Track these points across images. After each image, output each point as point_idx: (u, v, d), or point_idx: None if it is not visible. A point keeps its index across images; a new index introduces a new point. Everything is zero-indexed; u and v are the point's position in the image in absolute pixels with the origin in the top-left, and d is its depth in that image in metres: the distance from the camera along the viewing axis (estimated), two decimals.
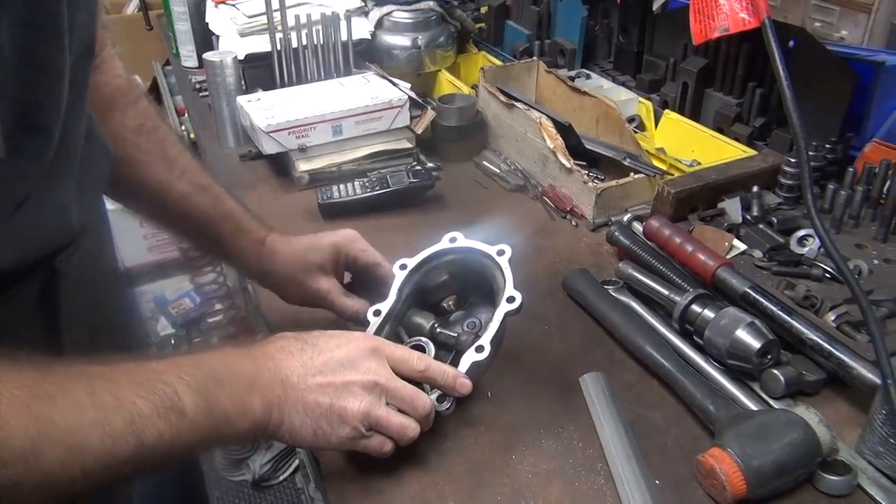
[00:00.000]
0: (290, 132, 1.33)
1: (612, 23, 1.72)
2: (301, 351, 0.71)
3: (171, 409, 0.58)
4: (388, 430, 0.72)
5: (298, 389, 0.68)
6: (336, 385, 0.69)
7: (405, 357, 0.75)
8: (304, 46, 1.56)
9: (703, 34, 1.21)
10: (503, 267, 0.83)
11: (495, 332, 0.80)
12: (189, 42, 1.91)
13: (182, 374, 0.61)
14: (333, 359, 0.70)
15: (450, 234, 0.88)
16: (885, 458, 0.75)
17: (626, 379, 0.91)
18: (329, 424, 0.69)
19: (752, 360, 0.84)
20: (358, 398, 0.69)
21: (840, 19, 2.85)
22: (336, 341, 0.72)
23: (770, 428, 0.74)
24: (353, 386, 0.70)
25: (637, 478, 0.75)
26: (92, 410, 0.55)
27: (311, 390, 0.69)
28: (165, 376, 0.60)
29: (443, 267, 0.88)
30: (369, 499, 0.75)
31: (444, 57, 1.70)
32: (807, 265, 1.01)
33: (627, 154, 1.31)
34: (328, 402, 0.69)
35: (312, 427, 0.69)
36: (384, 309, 0.85)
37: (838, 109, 1.22)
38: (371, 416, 0.70)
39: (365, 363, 0.71)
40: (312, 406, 0.68)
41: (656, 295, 1.00)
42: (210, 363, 0.65)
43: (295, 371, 0.69)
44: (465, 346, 0.80)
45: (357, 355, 0.71)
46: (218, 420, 0.62)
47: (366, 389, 0.70)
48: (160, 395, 0.58)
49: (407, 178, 1.28)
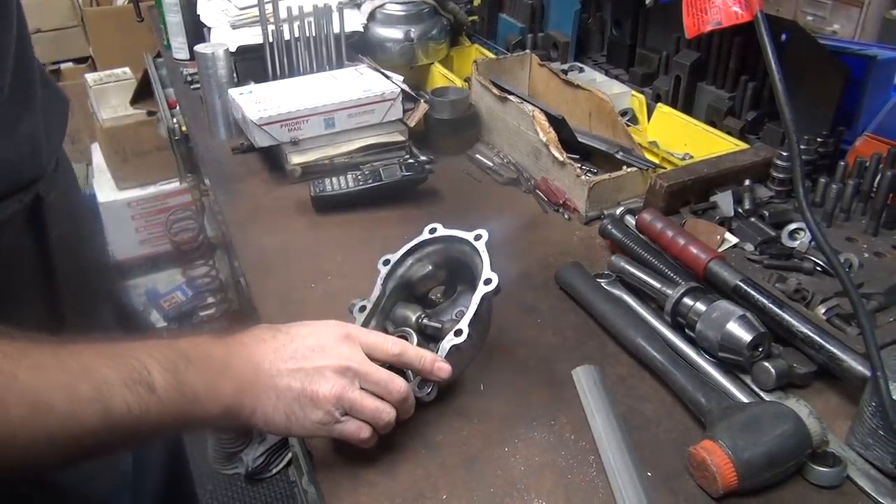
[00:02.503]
0: (282, 125, 1.32)
1: (605, 16, 1.72)
2: (273, 338, 0.71)
3: (140, 382, 0.58)
4: (363, 413, 0.71)
5: (270, 375, 0.68)
6: (307, 370, 0.69)
7: (378, 341, 0.75)
8: (297, 39, 1.55)
9: (696, 28, 1.21)
10: (480, 251, 0.83)
11: (473, 314, 0.80)
12: (180, 34, 1.90)
13: (152, 353, 0.61)
14: (305, 345, 0.71)
15: (430, 226, 0.88)
16: (875, 450, 0.76)
17: (619, 372, 0.91)
18: (301, 409, 0.69)
19: (743, 352, 0.85)
20: (329, 381, 0.69)
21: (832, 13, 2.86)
22: (308, 329, 0.73)
23: (761, 420, 0.75)
24: (324, 370, 0.70)
25: (629, 470, 0.75)
26: (57, 373, 0.55)
27: (282, 375, 0.68)
28: (135, 353, 0.60)
29: (426, 258, 0.89)
30: (362, 491, 0.75)
31: (436, 50, 1.69)
32: (798, 258, 1.01)
33: (620, 147, 1.32)
34: (299, 386, 0.68)
35: (285, 412, 0.68)
36: (369, 303, 0.85)
37: (830, 103, 1.22)
38: (344, 399, 0.70)
39: (337, 348, 0.71)
40: (284, 391, 0.68)
41: (648, 288, 1.00)
42: (181, 346, 0.65)
43: (266, 357, 0.69)
44: (450, 331, 0.81)
45: (329, 341, 0.71)
46: (188, 399, 0.62)
47: (338, 373, 0.70)
48: (129, 368, 0.58)
49: (400, 172, 1.28)
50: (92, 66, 3.68)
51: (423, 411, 0.84)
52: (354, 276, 1.08)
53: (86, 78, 3.14)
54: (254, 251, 1.16)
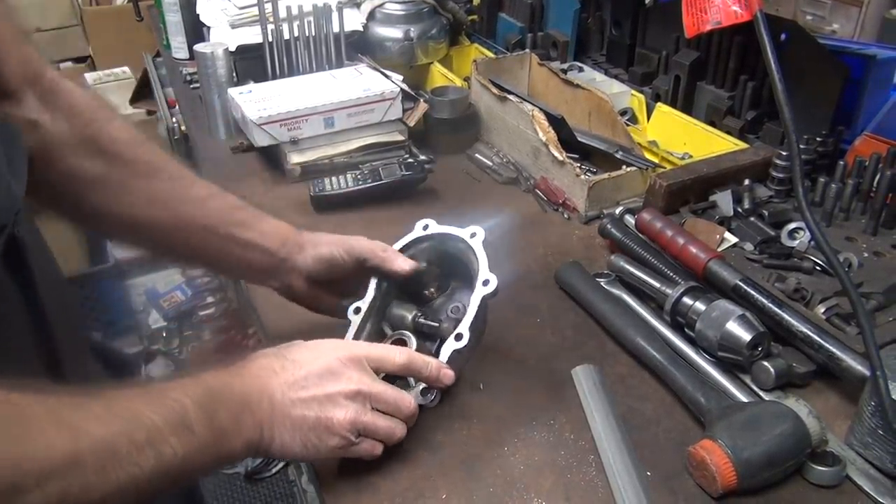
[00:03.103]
0: (281, 124, 1.32)
1: (604, 15, 1.71)
2: (283, 368, 0.71)
3: (181, 424, 0.60)
4: (377, 434, 0.73)
5: (284, 406, 0.69)
6: (319, 398, 0.70)
7: (384, 355, 0.76)
8: (296, 38, 1.55)
9: (696, 27, 1.21)
10: (476, 249, 0.83)
11: (473, 317, 0.80)
12: (179, 33, 1.90)
13: (187, 391, 0.62)
14: (313, 372, 0.71)
15: (422, 222, 0.88)
16: (874, 449, 0.76)
17: (618, 371, 0.91)
18: (318, 437, 0.70)
19: (742, 352, 0.85)
20: (343, 408, 0.70)
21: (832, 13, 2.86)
22: (312, 353, 0.73)
23: (760, 419, 0.75)
24: (336, 397, 0.70)
25: (628, 469, 0.75)
26: (116, 422, 0.56)
27: (296, 406, 0.69)
28: (172, 393, 0.61)
29: (419, 255, 0.88)
30: (362, 491, 0.75)
31: (436, 49, 1.69)
32: (797, 258, 1.01)
33: (620, 147, 1.31)
34: (314, 415, 0.69)
35: (302, 441, 0.69)
36: (364, 305, 0.85)
37: (829, 103, 1.22)
38: (358, 423, 0.71)
39: (345, 372, 0.72)
40: (299, 421, 0.69)
41: (648, 287, 1.00)
42: (207, 381, 0.66)
43: (279, 388, 0.70)
44: (448, 334, 0.80)
45: (336, 365, 0.72)
46: (217, 437, 0.63)
47: (349, 398, 0.71)
48: (170, 410, 0.59)
49: (399, 171, 1.28)
50: (91, 65, 3.68)
51: (423, 412, 0.84)
52: None
53: (85, 77, 3.14)
54: None
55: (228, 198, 0.91)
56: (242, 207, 0.91)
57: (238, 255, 0.89)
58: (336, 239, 0.91)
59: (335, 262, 0.89)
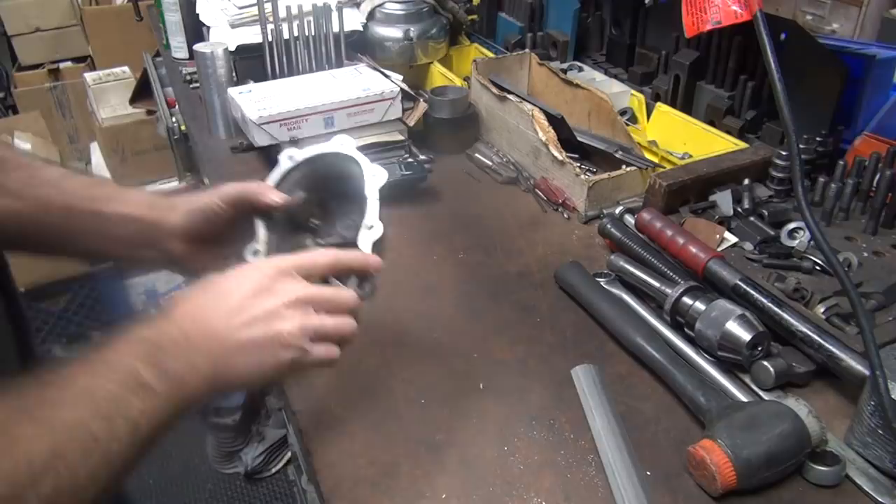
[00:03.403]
0: (281, 124, 1.32)
1: (604, 15, 1.71)
2: (214, 301, 0.69)
3: (138, 385, 0.59)
4: (328, 335, 0.71)
5: (229, 334, 0.67)
6: (261, 317, 0.68)
7: (309, 260, 0.74)
8: (296, 38, 1.55)
9: (695, 27, 1.21)
10: (350, 153, 0.83)
11: (376, 207, 0.79)
12: (179, 33, 1.90)
13: (130, 352, 0.61)
14: (246, 295, 0.69)
15: (286, 152, 0.86)
16: (874, 449, 0.76)
17: (618, 371, 0.91)
18: (272, 355, 0.68)
19: (742, 351, 0.85)
20: (288, 319, 0.68)
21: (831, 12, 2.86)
22: (238, 279, 0.71)
23: (760, 419, 0.75)
24: (278, 310, 0.69)
25: (628, 469, 0.75)
26: (81, 403, 0.55)
27: (241, 330, 0.67)
28: (116, 359, 0.60)
29: (294, 187, 0.86)
30: (362, 491, 0.75)
31: (436, 49, 1.69)
32: (797, 257, 1.02)
33: (619, 146, 1.32)
34: (261, 334, 0.68)
35: (258, 364, 0.68)
36: (261, 246, 0.82)
37: (829, 102, 1.22)
38: (307, 328, 0.69)
39: (278, 285, 0.70)
40: (249, 345, 0.67)
41: (648, 287, 1.00)
42: (144, 336, 0.64)
43: (219, 320, 0.68)
44: (356, 239, 0.79)
45: (267, 282, 0.70)
46: (176, 385, 0.62)
47: (291, 308, 0.69)
48: (123, 376, 0.59)
49: (399, 171, 1.28)
50: (91, 65, 3.68)
51: (423, 411, 0.84)
52: None
53: (85, 77, 3.14)
54: None
55: (85, 177, 0.87)
56: (102, 183, 0.87)
57: (106, 232, 0.84)
58: (207, 191, 0.87)
59: (211, 211, 0.84)
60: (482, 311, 1.02)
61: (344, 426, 0.83)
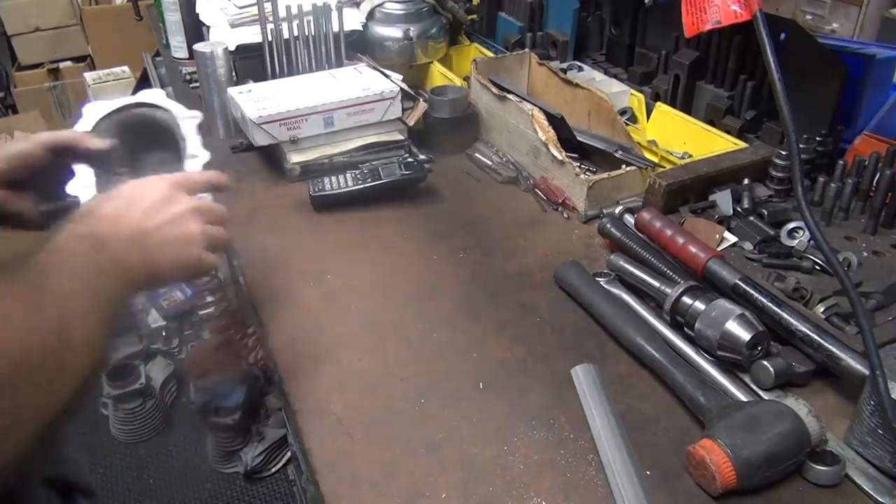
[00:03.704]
0: (281, 124, 1.32)
1: (604, 15, 1.72)
2: (126, 209, 0.74)
3: (100, 269, 0.65)
4: (217, 243, 0.80)
5: (151, 232, 0.74)
6: (171, 220, 0.76)
7: (190, 178, 0.83)
8: (296, 38, 1.55)
9: (695, 27, 1.21)
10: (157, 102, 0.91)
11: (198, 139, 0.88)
12: (179, 33, 1.90)
13: (83, 244, 0.66)
14: (156, 201, 0.76)
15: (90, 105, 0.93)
16: (874, 449, 0.76)
17: (618, 370, 0.91)
18: (186, 252, 0.76)
19: (742, 351, 0.85)
20: (193, 222, 0.77)
21: (831, 12, 2.86)
22: (142, 188, 0.78)
23: (760, 419, 0.75)
24: (183, 214, 0.77)
25: (628, 468, 0.75)
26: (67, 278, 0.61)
27: (159, 230, 0.74)
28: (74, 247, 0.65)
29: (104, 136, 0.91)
30: (361, 491, 0.75)
31: (436, 48, 1.69)
32: (797, 257, 1.02)
33: (619, 146, 1.32)
34: (176, 232, 0.76)
35: (177, 257, 0.75)
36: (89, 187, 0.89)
37: (829, 102, 1.22)
38: (207, 233, 0.78)
39: (178, 195, 0.78)
40: (168, 240, 0.75)
41: (647, 287, 1.00)
42: (86, 231, 0.68)
43: (138, 220, 0.74)
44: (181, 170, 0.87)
45: (170, 192, 0.78)
46: (123, 271, 0.68)
47: (194, 214, 0.78)
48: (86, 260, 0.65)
49: (399, 171, 1.28)
50: (91, 64, 3.68)
51: (423, 411, 0.84)
52: (353, 275, 1.08)
53: (85, 76, 3.14)
54: (253, 250, 1.16)
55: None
56: None
57: None
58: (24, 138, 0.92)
59: (28, 155, 0.88)
60: (482, 310, 1.02)
61: (344, 426, 0.83)
